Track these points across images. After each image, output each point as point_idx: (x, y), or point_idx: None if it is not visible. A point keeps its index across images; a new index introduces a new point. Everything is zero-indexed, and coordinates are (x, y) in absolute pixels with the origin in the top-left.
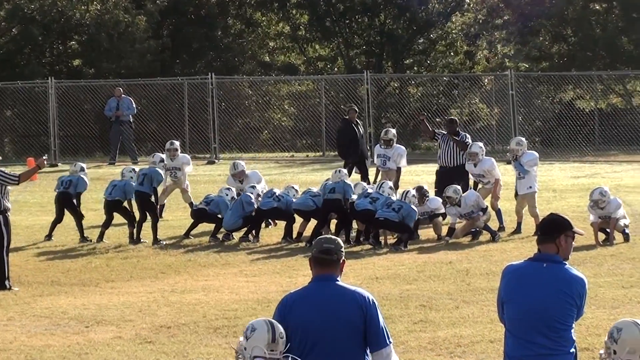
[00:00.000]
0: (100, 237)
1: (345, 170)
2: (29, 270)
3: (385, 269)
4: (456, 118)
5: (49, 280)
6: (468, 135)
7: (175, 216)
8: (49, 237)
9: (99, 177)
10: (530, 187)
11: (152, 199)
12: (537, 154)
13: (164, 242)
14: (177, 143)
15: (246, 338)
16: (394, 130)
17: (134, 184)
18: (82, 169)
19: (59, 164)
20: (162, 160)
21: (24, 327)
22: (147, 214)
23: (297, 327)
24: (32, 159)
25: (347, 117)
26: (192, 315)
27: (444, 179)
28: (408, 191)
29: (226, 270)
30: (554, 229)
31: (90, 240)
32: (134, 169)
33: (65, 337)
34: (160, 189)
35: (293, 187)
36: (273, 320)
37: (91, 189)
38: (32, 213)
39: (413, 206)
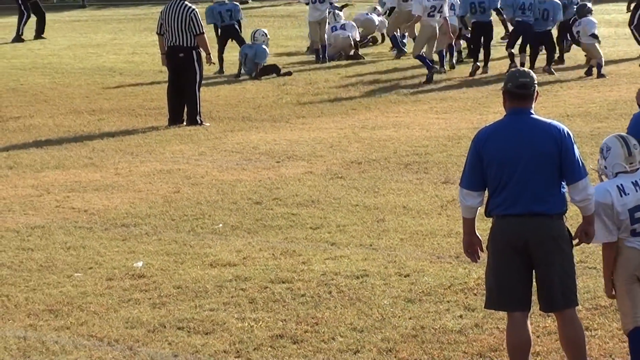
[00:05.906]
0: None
1: None
2: (219, 105)
3: (576, 107)
4: None
5: (240, 116)
6: None
7: (367, 52)
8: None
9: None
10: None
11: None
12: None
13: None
14: None
15: (604, 158)
16: None
17: None
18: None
19: None
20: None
21: (215, 161)
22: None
23: (493, 160)
24: None
25: None
26: (383, 151)
27: None
28: None
29: (416, 107)
30: None
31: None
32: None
33: (257, 172)
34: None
35: None
36: (624, 134)
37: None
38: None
39: None
